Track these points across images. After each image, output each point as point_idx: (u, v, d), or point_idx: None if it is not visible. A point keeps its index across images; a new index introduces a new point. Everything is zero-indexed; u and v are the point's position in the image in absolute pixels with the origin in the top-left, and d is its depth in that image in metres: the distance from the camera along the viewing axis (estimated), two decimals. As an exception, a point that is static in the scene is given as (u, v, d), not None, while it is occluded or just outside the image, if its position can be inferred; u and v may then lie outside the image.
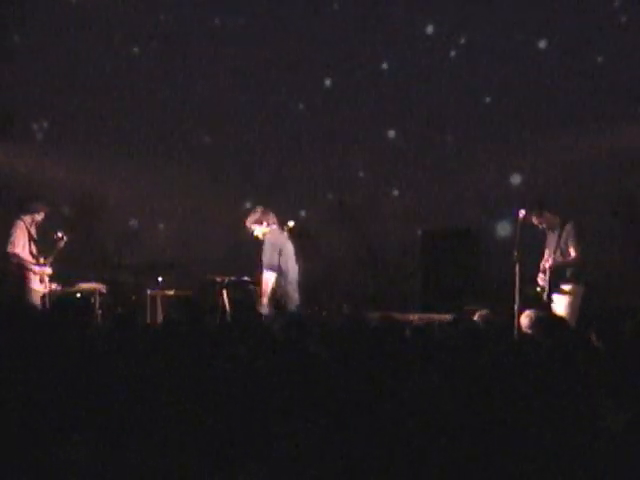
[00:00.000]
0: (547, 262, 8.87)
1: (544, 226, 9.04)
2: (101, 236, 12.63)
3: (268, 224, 9.57)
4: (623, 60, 11.47)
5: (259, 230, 9.58)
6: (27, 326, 5.80)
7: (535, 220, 8.96)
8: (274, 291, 9.32)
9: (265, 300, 9.28)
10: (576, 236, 8.85)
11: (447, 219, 11.87)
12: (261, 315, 8.87)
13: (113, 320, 7.01)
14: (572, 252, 8.90)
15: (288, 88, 12.43)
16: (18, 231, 9.65)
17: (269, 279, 9.32)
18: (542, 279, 8.99)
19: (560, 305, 8.84)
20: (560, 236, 8.93)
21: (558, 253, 8.90)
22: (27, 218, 9.73)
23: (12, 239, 9.61)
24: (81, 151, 12.54)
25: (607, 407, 4.32)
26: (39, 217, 9.78)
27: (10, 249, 9.60)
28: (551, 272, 8.85)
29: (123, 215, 12.63)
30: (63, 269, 11.26)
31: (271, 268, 9.33)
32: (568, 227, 8.88)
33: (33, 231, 9.76)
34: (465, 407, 4.31)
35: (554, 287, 8.87)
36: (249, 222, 9.65)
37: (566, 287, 8.88)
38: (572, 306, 8.82)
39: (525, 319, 7.24)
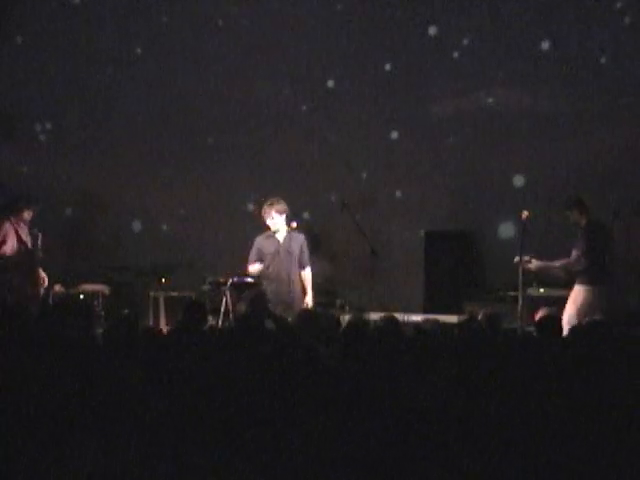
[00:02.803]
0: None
1: (576, 223, 9.03)
2: (104, 237, 12.62)
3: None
4: (626, 61, 11.45)
5: (280, 222, 9.51)
6: (30, 327, 5.82)
7: (570, 215, 9.01)
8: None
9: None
10: (586, 241, 8.85)
11: (450, 220, 11.87)
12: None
13: (116, 322, 7.01)
14: (573, 253, 8.90)
15: (291, 89, 12.42)
16: (3, 232, 9.56)
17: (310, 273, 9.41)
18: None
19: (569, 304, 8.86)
20: (579, 237, 8.94)
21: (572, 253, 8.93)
22: (13, 218, 9.64)
23: None
24: (84, 152, 12.55)
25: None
26: (27, 217, 9.68)
27: None
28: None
29: (126, 216, 12.63)
30: (66, 270, 11.29)
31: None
32: (581, 231, 8.91)
33: (21, 232, 9.65)
34: (467, 408, 4.31)
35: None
36: (275, 211, 9.50)
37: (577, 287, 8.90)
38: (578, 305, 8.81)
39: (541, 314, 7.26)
